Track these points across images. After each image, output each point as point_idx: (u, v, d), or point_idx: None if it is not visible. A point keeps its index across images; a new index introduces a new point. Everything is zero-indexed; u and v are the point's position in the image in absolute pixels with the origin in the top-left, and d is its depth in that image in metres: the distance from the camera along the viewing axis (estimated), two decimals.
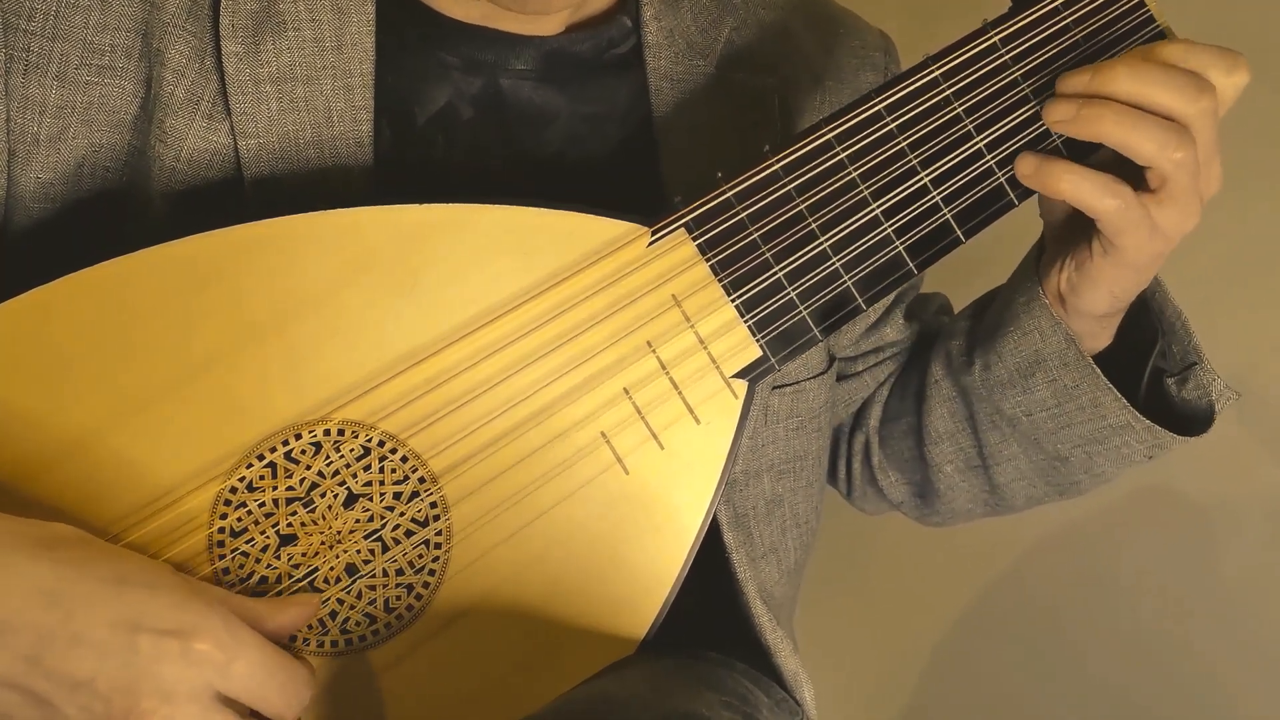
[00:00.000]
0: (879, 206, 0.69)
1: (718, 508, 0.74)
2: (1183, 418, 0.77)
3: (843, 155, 0.69)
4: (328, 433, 0.64)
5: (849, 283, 0.69)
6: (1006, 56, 0.69)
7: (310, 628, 0.64)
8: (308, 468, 0.64)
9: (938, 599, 1.51)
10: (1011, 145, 0.69)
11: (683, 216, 0.68)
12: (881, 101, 0.69)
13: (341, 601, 0.65)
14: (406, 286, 0.65)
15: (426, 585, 0.66)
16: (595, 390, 0.67)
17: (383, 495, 0.65)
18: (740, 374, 0.69)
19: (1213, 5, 1.12)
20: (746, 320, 0.69)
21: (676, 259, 0.68)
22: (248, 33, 0.69)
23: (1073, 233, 0.72)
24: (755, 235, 0.68)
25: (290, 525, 0.64)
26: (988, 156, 0.69)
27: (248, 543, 0.64)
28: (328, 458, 0.64)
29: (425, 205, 0.66)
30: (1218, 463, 1.27)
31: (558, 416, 0.67)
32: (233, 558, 0.63)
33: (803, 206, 0.68)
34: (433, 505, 0.66)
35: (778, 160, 0.68)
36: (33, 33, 0.67)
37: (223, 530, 0.63)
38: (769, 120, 0.80)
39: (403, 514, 0.65)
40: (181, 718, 0.53)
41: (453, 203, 0.66)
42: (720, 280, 0.68)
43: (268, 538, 0.64)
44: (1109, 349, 0.77)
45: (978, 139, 0.69)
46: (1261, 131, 1.15)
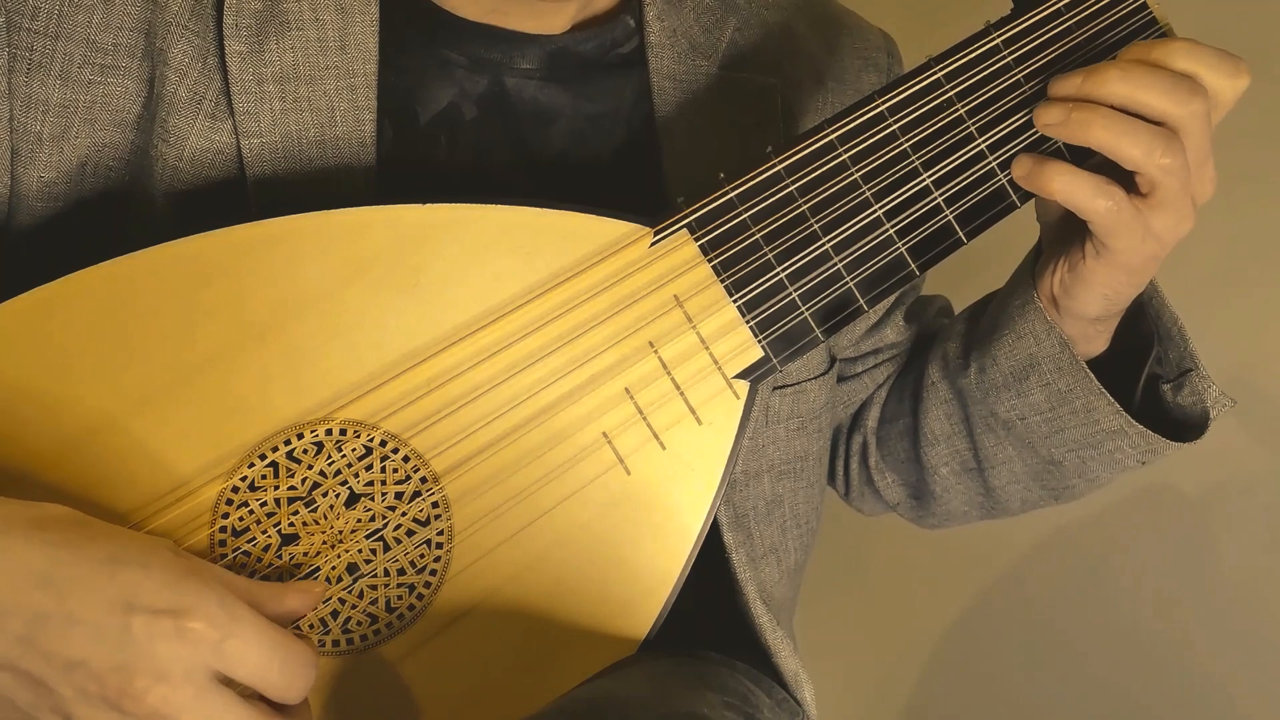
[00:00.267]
0: (881, 208, 0.69)
1: (718, 508, 0.74)
2: (1177, 423, 0.77)
3: (845, 156, 0.69)
4: (329, 432, 0.64)
5: (851, 284, 0.69)
6: (1009, 58, 0.69)
7: (311, 627, 0.64)
8: (309, 467, 0.64)
9: (937, 599, 1.51)
10: (1014, 147, 0.69)
11: (685, 217, 0.68)
12: (884, 103, 0.69)
13: (343, 601, 0.65)
14: (409, 286, 0.65)
15: (428, 585, 0.66)
16: (597, 390, 0.67)
17: (384, 495, 0.65)
18: (742, 375, 0.69)
19: (1213, 5, 1.12)
20: (748, 321, 0.69)
21: (679, 259, 0.68)
22: (251, 32, 0.70)
23: (1067, 235, 0.72)
24: (757, 236, 0.68)
25: (292, 525, 0.64)
26: (990, 158, 0.69)
27: (249, 542, 0.64)
28: (329, 457, 0.65)
29: (428, 205, 0.66)
30: (1217, 463, 1.27)
31: (559, 417, 0.67)
32: (234, 557, 0.63)
33: (805, 207, 0.68)
34: (434, 505, 0.66)
35: (780, 161, 0.68)
36: (36, 31, 0.67)
37: (224, 529, 0.63)
38: (771, 121, 0.80)
39: (404, 514, 0.65)
40: (177, 697, 0.52)
41: (455, 202, 0.66)
42: (722, 281, 0.68)
43: (269, 537, 0.64)
44: (1105, 354, 0.77)
45: (980, 140, 0.69)
46: (1262, 131, 1.15)
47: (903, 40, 0.91)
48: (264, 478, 0.64)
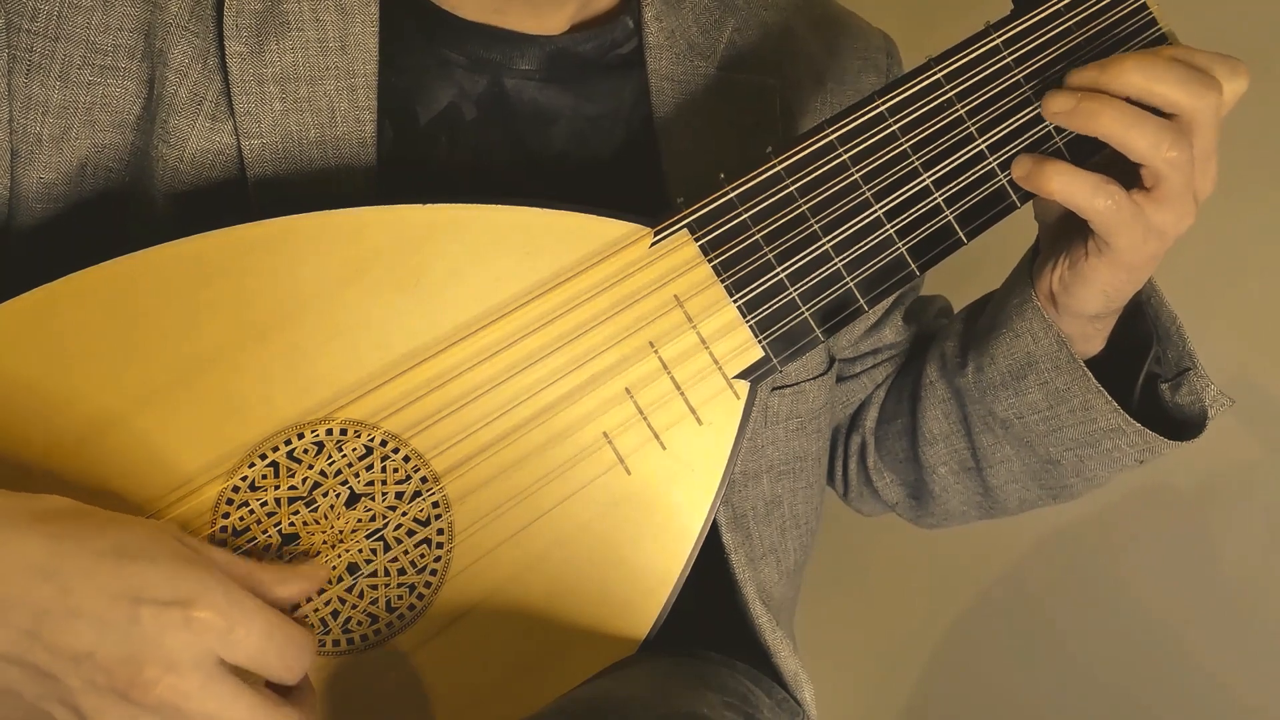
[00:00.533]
0: (881, 208, 0.69)
1: (717, 508, 0.74)
2: (1176, 423, 0.77)
3: (845, 157, 0.69)
4: (330, 432, 0.65)
5: (851, 284, 0.69)
6: (1009, 58, 0.69)
7: (311, 627, 0.64)
8: (310, 467, 0.64)
9: (937, 599, 1.51)
10: (1014, 147, 0.69)
11: (685, 217, 0.68)
12: (884, 103, 0.69)
13: (343, 601, 0.65)
14: (409, 286, 0.65)
15: (428, 585, 0.66)
16: (597, 390, 0.67)
17: (384, 495, 0.65)
18: (742, 375, 0.69)
19: (1213, 5, 1.12)
20: (749, 321, 0.69)
21: (679, 259, 0.68)
22: (251, 33, 0.70)
23: (1067, 232, 0.72)
24: (758, 236, 0.68)
25: (292, 524, 0.64)
26: (990, 158, 0.69)
27: (250, 542, 0.64)
28: (330, 457, 0.65)
29: (428, 205, 0.66)
30: (1217, 463, 1.27)
31: (560, 417, 0.67)
32: None
33: (805, 208, 0.69)
34: (434, 505, 0.66)
35: (780, 161, 0.68)
36: (35, 33, 0.67)
37: (225, 529, 0.63)
38: (770, 121, 0.81)
39: (404, 514, 0.65)
40: (186, 685, 0.53)
41: (455, 202, 0.67)
42: (723, 281, 0.68)
43: (269, 537, 0.64)
44: (1103, 354, 0.77)
45: (980, 141, 0.69)
46: (1262, 131, 1.15)
47: (902, 41, 0.91)
48: (264, 477, 0.64)
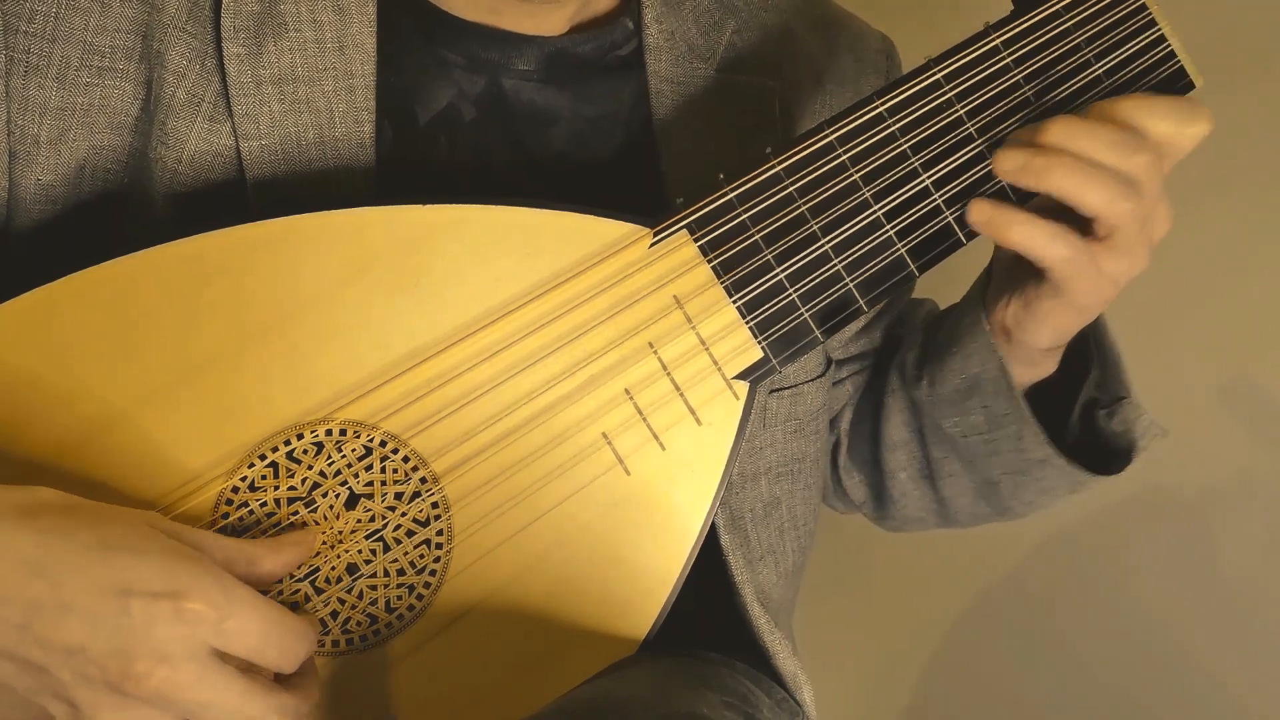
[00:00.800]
0: (881, 209, 0.69)
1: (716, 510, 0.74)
2: (1110, 451, 0.78)
3: (845, 157, 0.69)
4: (329, 433, 0.65)
5: (851, 285, 0.69)
6: (1009, 59, 0.69)
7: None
8: (309, 467, 0.64)
9: (937, 600, 1.51)
10: None
11: (685, 218, 0.68)
12: (884, 104, 0.69)
13: (343, 601, 0.65)
14: (408, 287, 0.65)
15: (428, 586, 0.66)
16: (597, 391, 0.67)
17: (384, 495, 0.65)
18: (741, 375, 0.69)
19: (1213, 5, 1.12)
20: (748, 322, 0.69)
21: (678, 260, 0.68)
22: (249, 34, 0.69)
23: (1021, 269, 0.71)
24: (757, 237, 0.68)
25: (292, 525, 0.64)
26: (991, 159, 0.69)
27: None
28: (329, 458, 0.65)
29: (427, 205, 0.66)
30: (1217, 463, 1.27)
31: (559, 417, 0.67)
32: None
33: (805, 208, 0.68)
34: (434, 505, 0.66)
35: (780, 162, 0.68)
36: (33, 34, 0.67)
37: (224, 529, 0.63)
38: (770, 123, 0.80)
39: (404, 514, 0.65)
40: (180, 677, 0.53)
41: (455, 203, 0.67)
42: (722, 282, 0.68)
43: (269, 537, 0.64)
44: (1057, 375, 0.77)
45: (980, 141, 0.69)
46: (1262, 131, 1.15)
47: (902, 41, 0.91)
48: (264, 478, 0.64)
